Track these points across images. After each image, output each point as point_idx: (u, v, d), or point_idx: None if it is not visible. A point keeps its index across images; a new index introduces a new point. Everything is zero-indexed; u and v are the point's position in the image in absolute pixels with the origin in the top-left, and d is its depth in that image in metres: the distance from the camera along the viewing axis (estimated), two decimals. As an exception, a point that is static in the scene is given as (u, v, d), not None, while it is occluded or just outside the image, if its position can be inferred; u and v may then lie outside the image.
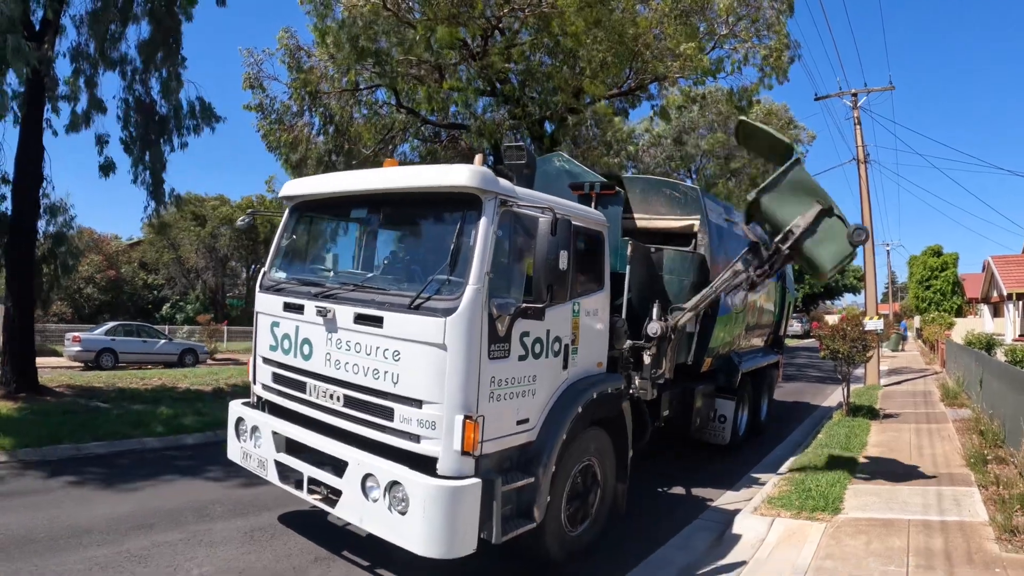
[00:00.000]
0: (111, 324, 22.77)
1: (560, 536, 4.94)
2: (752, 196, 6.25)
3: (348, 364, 4.52)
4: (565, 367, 4.95)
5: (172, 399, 11.77)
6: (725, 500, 7.28)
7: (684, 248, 7.56)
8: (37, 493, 6.47)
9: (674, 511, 6.81)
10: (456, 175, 4.31)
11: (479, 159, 4.88)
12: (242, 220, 6.11)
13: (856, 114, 18.21)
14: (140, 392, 12.39)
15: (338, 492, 4.47)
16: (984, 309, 36.70)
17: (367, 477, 4.23)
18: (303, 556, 5.15)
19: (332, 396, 4.66)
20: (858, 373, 16.53)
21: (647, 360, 6.09)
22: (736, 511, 6.63)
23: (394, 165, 5.15)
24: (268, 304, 5.33)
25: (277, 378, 5.22)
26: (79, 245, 15.38)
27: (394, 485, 4.07)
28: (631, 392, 5.93)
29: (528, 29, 15.12)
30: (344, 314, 4.56)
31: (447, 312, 4.04)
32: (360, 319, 4.45)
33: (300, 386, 4.95)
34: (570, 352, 5.00)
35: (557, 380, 4.88)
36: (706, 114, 24.25)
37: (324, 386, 4.73)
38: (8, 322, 11.24)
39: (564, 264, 4.32)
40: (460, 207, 4.34)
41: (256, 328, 5.47)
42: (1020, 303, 28.20)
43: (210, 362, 23.84)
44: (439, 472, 4.03)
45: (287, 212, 5.70)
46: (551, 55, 15.55)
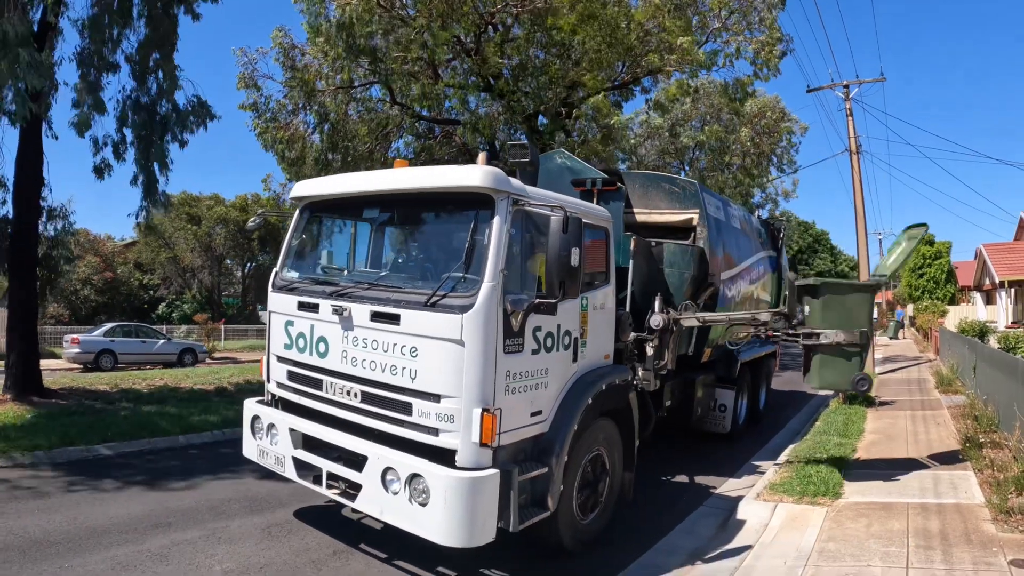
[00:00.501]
0: (110, 325, 22.72)
1: (572, 525, 5.08)
2: (818, 283, 6.80)
3: (365, 361, 4.63)
4: (575, 360, 5.09)
5: (177, 399, 11.83)
6: (728, 487, 7.43)
7: (684, 241, 7.68)
8: (52, 495, 6.49)
9: (678, 499, 6.97)
10: (470, 176, 4.42)
11: (483, 157, 5.00)
12: (253, 220, 6.19)
13: (848, 105, 18.33)
14: (144, 393, 12.41)
15: (357, 486, 4.59)
16: (977, 297, 37.06)
17: (387, 471, 4.35)
18: (321, 550, 5.25)
19: (349, 393, 4.77)
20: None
21: (650, 352, 6.23)
22: (739, 498, 6.79)
23: (404, 166, 5.25)
24: (281, 303, 5.42)
25: (292, 376, 5.32)
26: (75, 248, 15.33)
27: (415, 478, 4.19)
28: (635, 383, 6.08)
29: (522, 24, 15.16)
30: (360, 312, 4.67)
31: (464, 308, 4.16)
32: (377, 317, 4.56)
33: (316, 383, 5.06)
34: (579, 345, 5.13)
35: (568, 373, 5.02)
36: (698, 107, 24.35)
37: (341, 383, 4.84)
38: (11, 325, 11.24)
39: (576, 260, 4.45)
40: (473, 207, 4.45)
41: (269, 327, 5.56)
42: (1012, 291, 28.56)
43: (209, 361, 23.84)
44: (458, 464, 4.16)
45: (298, 212, 5.78)
46: (544, 50, 15.59)
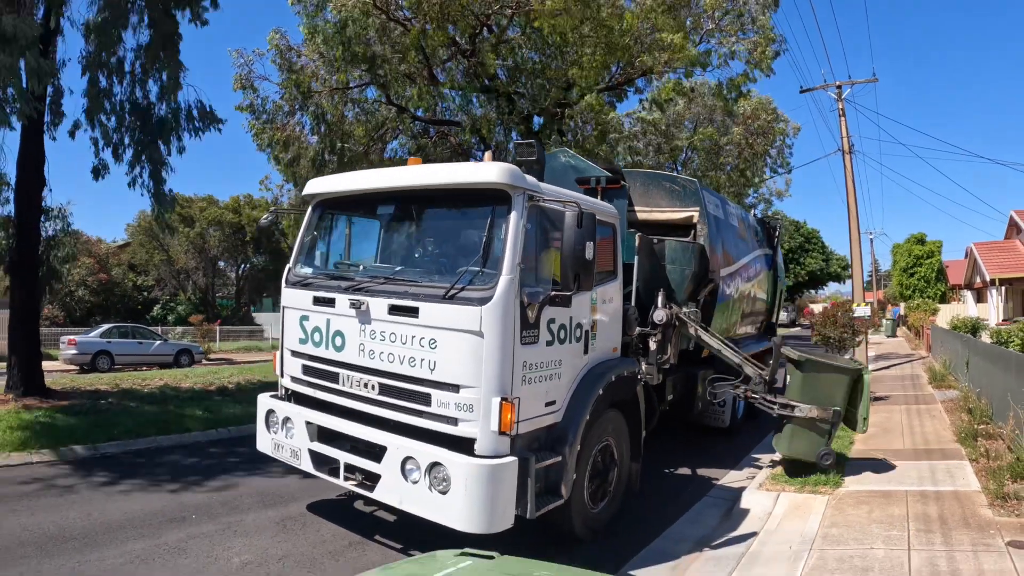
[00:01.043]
0: (106, 326, 22.64)
1: (583, 513, 5.21)
2: (803, 360, 7.05)
3: (383, 354, 4.73)
4: (586, 352, 5.22)
5: (179, 399, 11.85)
6: (730, 479, 7.59)
7: (684, 239, 7.83)
8: (65, 493, 6.52)
9: (682, 490, 7.11)
10: (488, 172, 4.55)
11: (488, 156, 5.13)
12: (265, 218, 6.28)
13: (841, 106, 18.66)
14: (145, 393, 12.42)
15: (375, 476, 4.69)
16: (967, 295, 37.35)
17: (407, 460, 4.45)
18: (337, 542, 5.33)
19: (367, 385, 4.87)
20: (847, 359, 16.90)
21: (653, 346, 6.38)
22: (741, 488, 6.96)
23: (418, 163, 5.36)
24: (296, 299, 5.51)
25: (308, 370, 5.41)
26: (73, 250, 15.29)
27: (435, 466, 4.29)
28: (640, 376, 6.21)
29: (516, 26, 15.28)
30: (378, 306, 4.77)
31: (483, 301, 4.28)
32: (395, 310, 4.66)
33: (333, 377, 5.15)
34: (590, 338, 5.27)
35: (579, 364, 5.15)
36: (692, 107, 24.56)
37: (358, 376, 4.93)
38: (13, 325, 11.24)
39: (590, 254, 4.58)
40: (490, 202, 4.57)
41: (283, 322, 5.65)
42: (1003, 288, 28.90)
43: (205, 362, 23.81)
44: (477, 452, 4.27)
45: (310, 209, 5.87)
46: (539, 51, 15.73)
